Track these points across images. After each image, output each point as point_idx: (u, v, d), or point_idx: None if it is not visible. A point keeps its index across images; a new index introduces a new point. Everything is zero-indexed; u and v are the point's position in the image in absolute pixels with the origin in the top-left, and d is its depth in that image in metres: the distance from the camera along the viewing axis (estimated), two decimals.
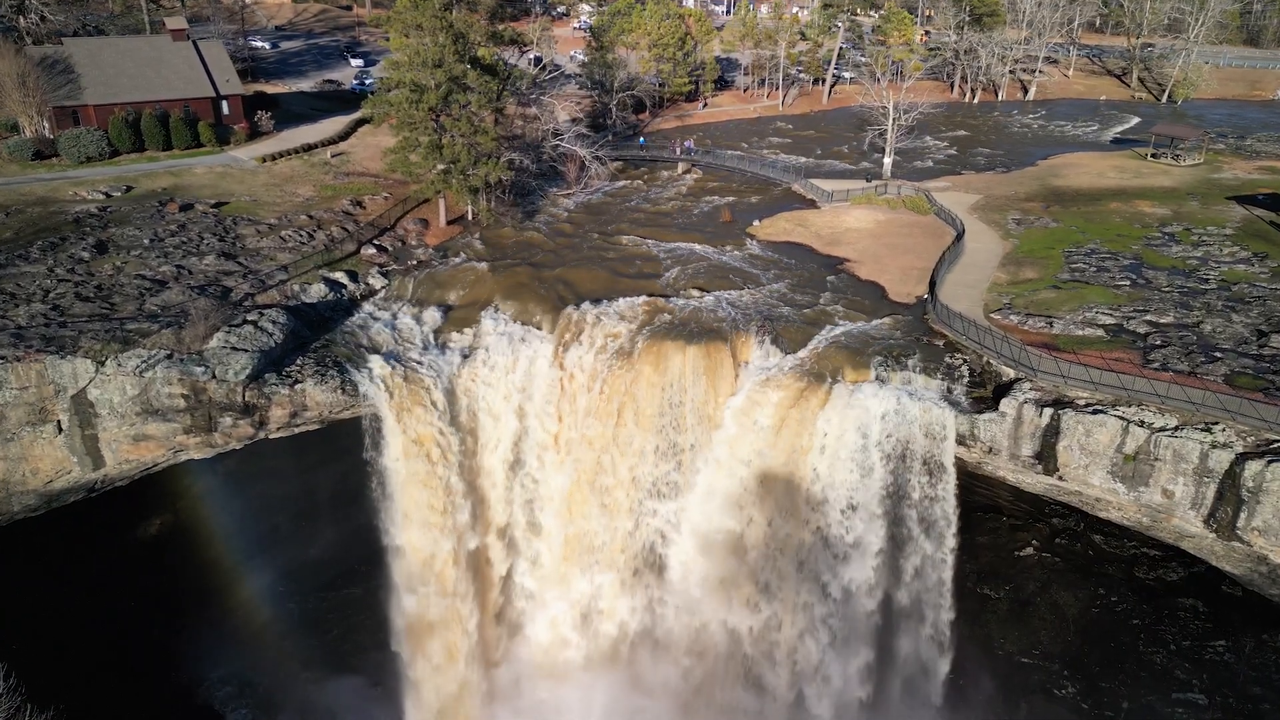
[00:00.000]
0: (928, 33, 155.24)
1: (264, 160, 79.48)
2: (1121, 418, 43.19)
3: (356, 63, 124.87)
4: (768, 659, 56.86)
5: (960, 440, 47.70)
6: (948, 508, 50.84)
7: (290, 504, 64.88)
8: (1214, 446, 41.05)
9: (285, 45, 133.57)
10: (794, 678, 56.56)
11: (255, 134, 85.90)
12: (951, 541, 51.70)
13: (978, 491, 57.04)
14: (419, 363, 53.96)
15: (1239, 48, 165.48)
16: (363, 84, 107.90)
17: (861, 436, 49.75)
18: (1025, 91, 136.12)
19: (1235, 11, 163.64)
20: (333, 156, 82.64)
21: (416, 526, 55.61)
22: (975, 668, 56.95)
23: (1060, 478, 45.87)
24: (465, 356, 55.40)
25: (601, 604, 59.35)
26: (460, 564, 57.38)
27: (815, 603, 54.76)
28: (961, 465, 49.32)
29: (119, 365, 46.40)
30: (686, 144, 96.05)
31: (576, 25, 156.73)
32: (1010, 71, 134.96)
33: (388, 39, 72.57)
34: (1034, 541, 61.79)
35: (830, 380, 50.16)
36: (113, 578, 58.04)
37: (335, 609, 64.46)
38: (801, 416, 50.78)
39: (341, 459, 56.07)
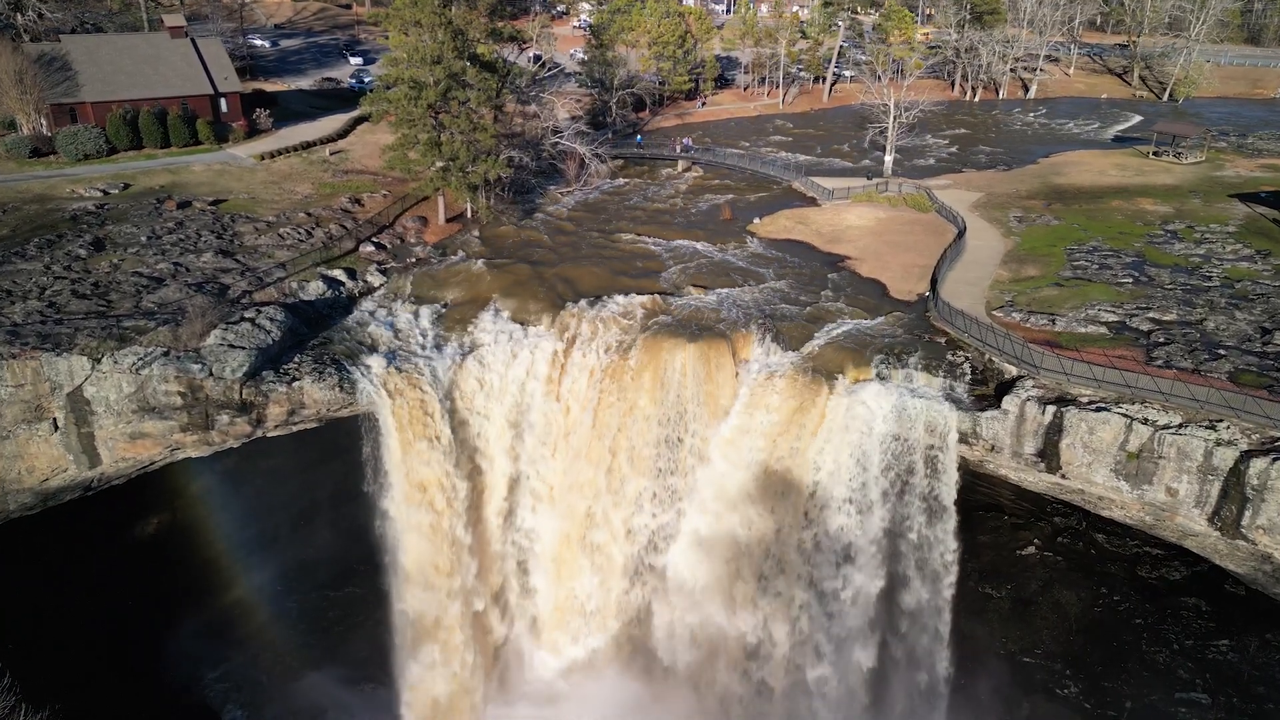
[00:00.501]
0: (928, 34, 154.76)
1: (262, 158, 79.11)
2: (1125, 415, 42.82)
3: (356, 61, 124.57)
4: None
5: (963, 438, 47.31)
6: (947, 555, 50.45)
7: (290, 503, 64.65)
8: (1218, 444, 40.68)
9: (284, 44, 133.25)
10: None
11: (254, 132, 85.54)
12: (948, 592, 51.38)
13: (979, 490, 56.73)
14: (420, 373, 52.23)
15: (1240, 46, 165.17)
16: (361, 82, 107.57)
17: (862, 470, 49.29)
18: (1026, 90, 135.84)
19: (1236, 10, 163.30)
20: (331, 154, 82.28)
21: (419, 588, 54.64)
22: (976, 667, 56.58)
23: (1063, 476, 45.53)
24: (463, 356, 54.51)
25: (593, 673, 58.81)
26: (467, 631, 56.32)
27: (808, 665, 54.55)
28: (963, 464, 48.92)
29: (115, 362, 46.06)
30: (685, 141, 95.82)
31: (576, 24, 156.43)
32: (1011, 70, 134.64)
33: (387, 37, 72.08)
34: (1036, 540, 61.48)
35: (827, 389, 49.18)
36: (110, 577, 57.69)
37: (334, 607, 63.99)
38: (794, 448, 50.10)
39: (341, 457, 55.65)
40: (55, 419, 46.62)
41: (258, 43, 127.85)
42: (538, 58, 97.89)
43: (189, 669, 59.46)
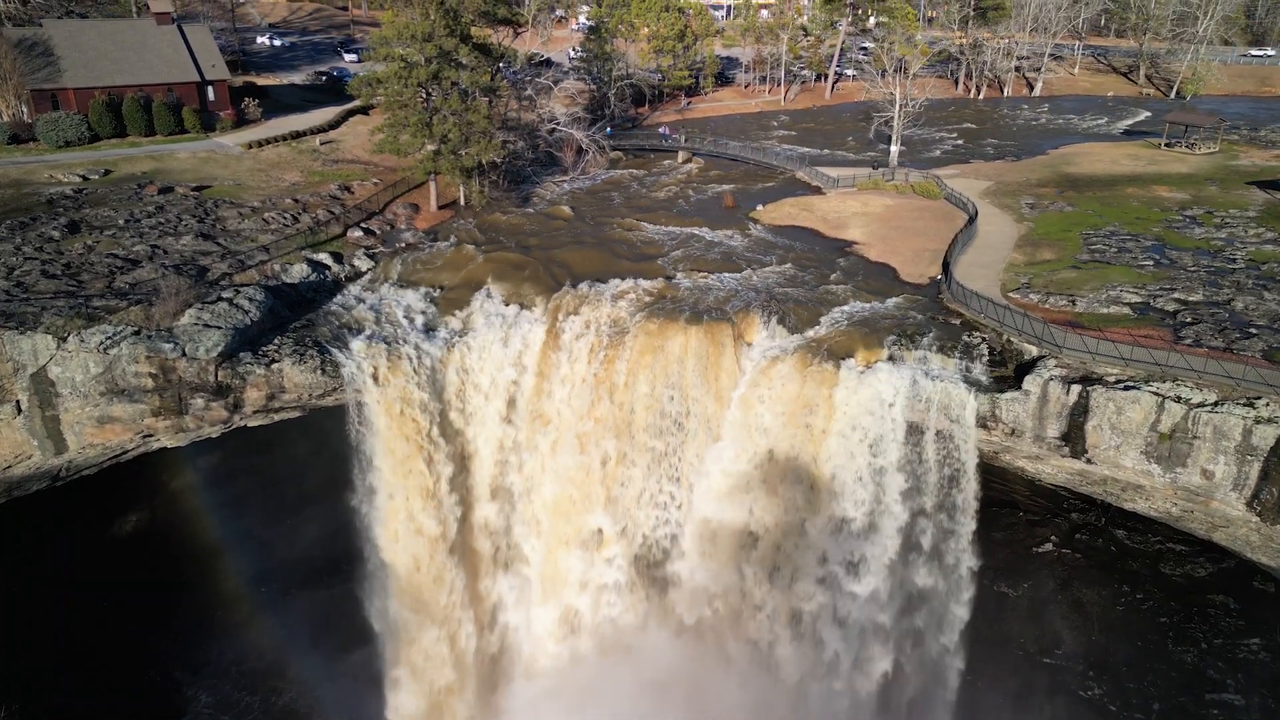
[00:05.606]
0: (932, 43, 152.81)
1: (250, 146, 76.64)
2: (1156, 394, 40.03)
3: (350, 58, 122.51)
4: None
5: (981, 423, 44.59)
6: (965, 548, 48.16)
7: (274, 498, 61.74)
8: (1258, 422, 37.95)
9: (280, 41, 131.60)
10: None
11: (242, 121, 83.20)
12: (966, 593, 49.47)
13: (993, 485, 53.96)
14: (408, 356, 49.67)
15: (1246, 48, 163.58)
16: (345, 75, 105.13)
17: (873, 457, 46.75)
18: (1031, 88, 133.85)
19: (1241, 8, 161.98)
20: (322, 144, 79.90)
21: (408, 581, 52.46)
22: (994, 669, 53.76)
23: (1089, 461, 42.77)
24: (453, 339, 51.85)
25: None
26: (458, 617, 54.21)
27: None
28: (979, 455, 46.21)
29: (82, 341, 43.35)
30: (662, 130, 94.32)
31: (575, 27, 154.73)
32: (1016, 68, 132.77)
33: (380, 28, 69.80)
34: (1053, 537, 58.67)
35: (837, 371, 46.52)
36: (83, 575, 54.99)
37: (321, 605, 61.01)
38: (802, 434, 47.38)
39: (326, 449, 52.83)
40: (18, 401, 43.86)
41: (261, 40, 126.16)
42: (536, 56, 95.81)
43: (169, 669, 56.72)
